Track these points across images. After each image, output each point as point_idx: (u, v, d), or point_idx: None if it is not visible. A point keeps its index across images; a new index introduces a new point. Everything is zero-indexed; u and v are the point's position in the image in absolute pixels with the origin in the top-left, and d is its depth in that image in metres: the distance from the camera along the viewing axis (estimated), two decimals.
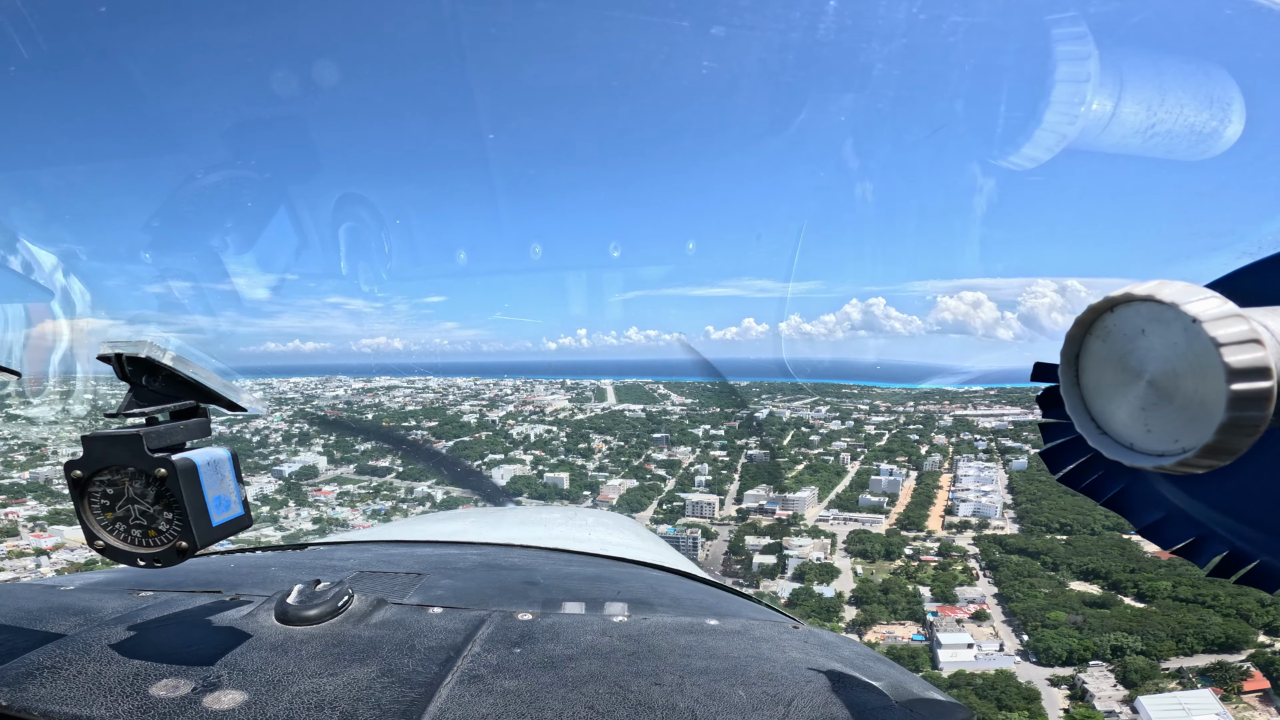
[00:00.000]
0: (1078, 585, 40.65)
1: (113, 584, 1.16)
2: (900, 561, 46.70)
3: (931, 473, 68.67)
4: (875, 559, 47.61)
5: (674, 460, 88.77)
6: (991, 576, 43.27)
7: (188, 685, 0.74)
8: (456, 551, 1.63)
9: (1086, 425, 0.54)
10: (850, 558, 48.28)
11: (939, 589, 40.95)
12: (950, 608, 39.42)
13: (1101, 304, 0.50)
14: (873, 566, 46.67)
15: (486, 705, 0.74)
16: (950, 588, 41.05)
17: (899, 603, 39.99)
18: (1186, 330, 0.43)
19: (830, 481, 69.12)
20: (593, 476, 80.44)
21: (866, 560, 47.57)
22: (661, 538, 2.90)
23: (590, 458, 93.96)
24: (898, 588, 41.76)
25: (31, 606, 0.99)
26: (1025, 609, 37.57)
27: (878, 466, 74.20)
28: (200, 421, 0.80)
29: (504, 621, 0.99)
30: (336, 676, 0.78)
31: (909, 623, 38.88)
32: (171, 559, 0.74)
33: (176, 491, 0.72)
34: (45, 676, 0.75)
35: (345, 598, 0.99)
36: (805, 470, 77.10)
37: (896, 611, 39.36)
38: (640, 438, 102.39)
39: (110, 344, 0.75)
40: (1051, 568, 42.31)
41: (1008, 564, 43.12)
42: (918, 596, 40.54)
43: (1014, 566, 42.73)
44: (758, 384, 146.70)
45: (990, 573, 43.62)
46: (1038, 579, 41.06)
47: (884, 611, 39.48)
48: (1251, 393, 0.41)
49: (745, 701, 0.77)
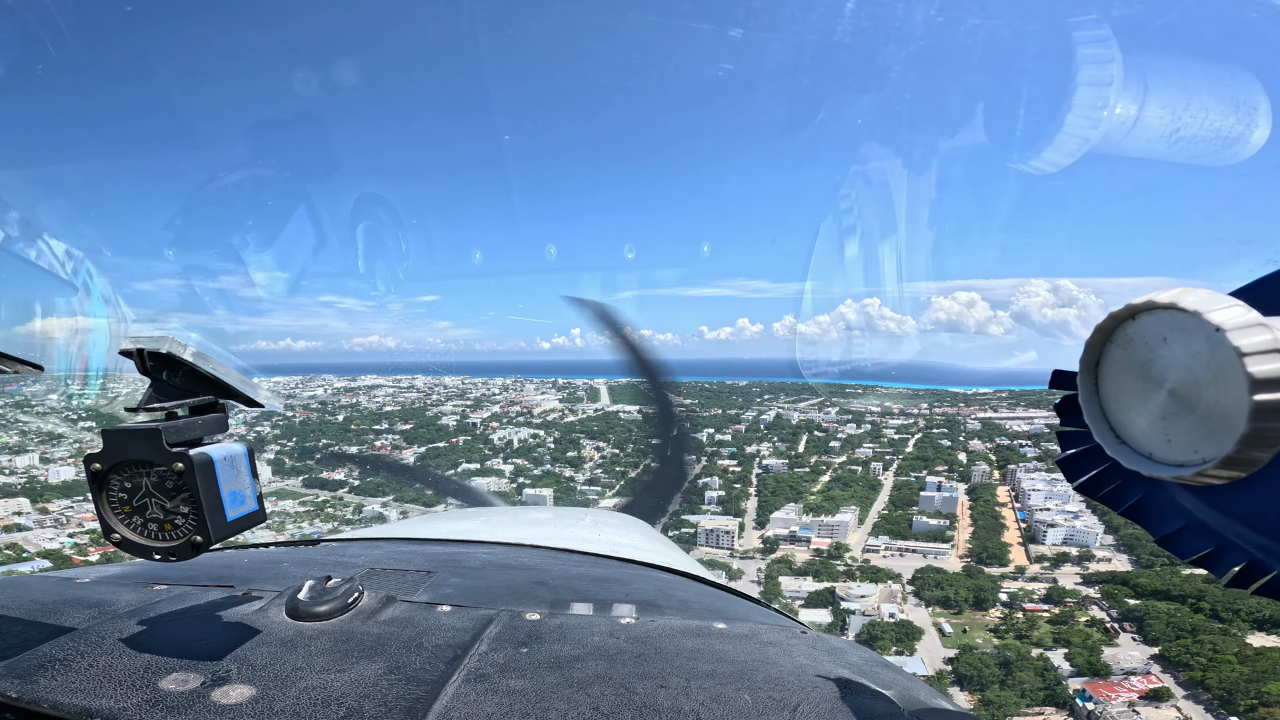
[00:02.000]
0: (1260, 639, 29.14)
1: (127, 577, 1.15)
2: (997, 612, 35.04)
3: (984, 485, 57.17)
4: (960, 608, 35.68)
5: None
6: (1138, 633, 31.46)
7: (197, 679, 0.75)
8: (466, 550, 1.62)
9: (1105, 434, 0.53)
10: (925, 607, 36.41)
11: (1079, 656, 29.16)
12: (1107, 684, 27.36)
13: (1123, 311, 0.49)
14: (961, 620, 34.76)
15: (492, 704, 0.74)
16: (1094, 654, 29.24)
17: (1027, 680, 27.87)
18: (1209, 339, 0.43)
19: (865, 497, 57.42)
20: (582, 492, 67.77)
21: (949, 611, 35.65)
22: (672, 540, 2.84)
23: (580, 468, 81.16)
24: (1019, 657, 29.62)
25: (46, 599, 0.99)
26: (1220, 681, 25.71)
27: (917, 478, 62.74)
28: (218, 417, 0.81)
29: (512, 621, 0.99)
30: (345, 673, 0.79)
31: (1050, 710, 26.74)
32: (186, 553, 0.74)
33: (193, 486, 0.73)
34: (57, 669, 0.76)
35: (355, 594, 0.99)
36: (834, 483, 65.55)
37: (1027, 693, 27.25)
38: (637, 444, 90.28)
39: (133, 339, 0.75)
40: (1213, 615, 30.72)
41: (1154, 614, 31.29)
42: (1051, 668, 28.65)
43: (1163, 616, 30.99)
44: (757, 384, 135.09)
45: (1133, 627, 31.86)
46: (1204, 634, 29.32)
47: (1010, 696, 27.23)
48: (1275, 404, 0.40)
49: (751, 706, 0.76)
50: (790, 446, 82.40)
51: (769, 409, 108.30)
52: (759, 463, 74.39)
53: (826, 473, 69.89)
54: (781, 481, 63.19)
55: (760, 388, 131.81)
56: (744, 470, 73.13)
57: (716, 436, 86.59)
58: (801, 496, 62.25)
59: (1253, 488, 0.53)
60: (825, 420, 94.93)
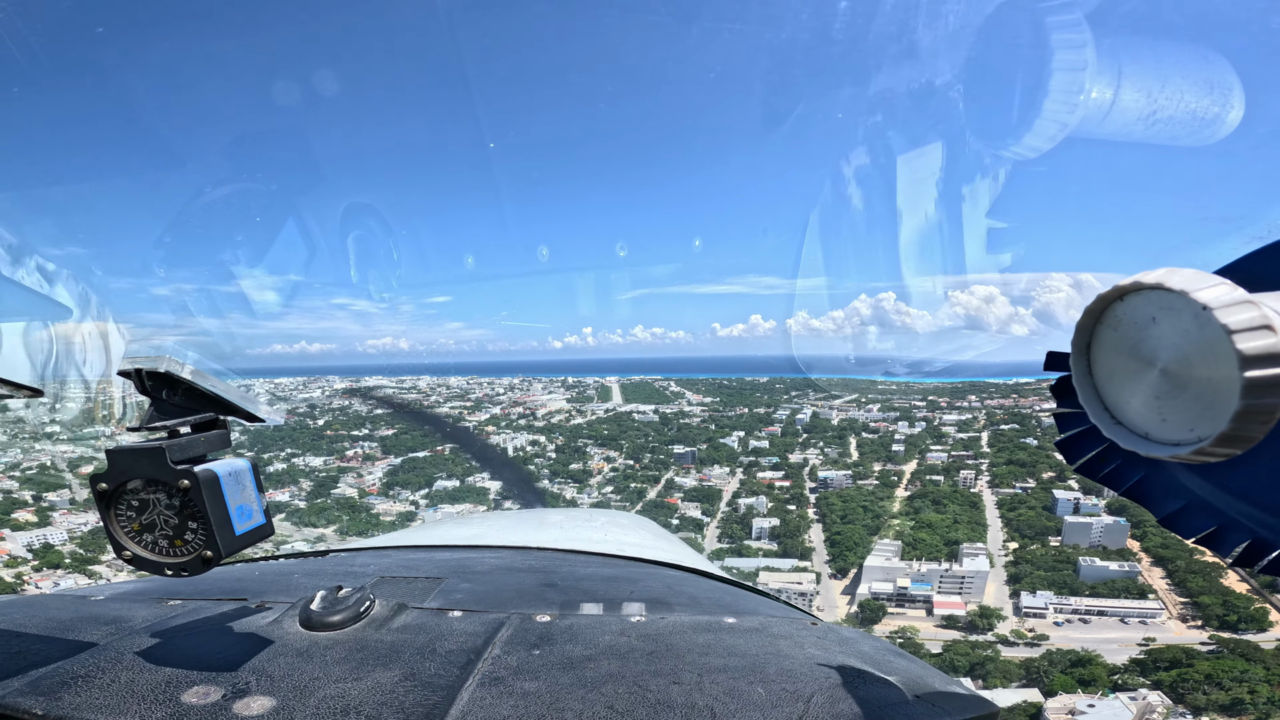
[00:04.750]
0: None
1: (142, 593, 1.17)
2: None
3: (1117, 499, 41.95)
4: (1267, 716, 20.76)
5: (708, 489, 60.32)
6: None
7: (217, 692, 0.77)
8: (475, 555, 1.62)
9: (1100, 415, 0.53)
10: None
11: None
12: None
13: (1111, 293, 0.49)
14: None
15: (507, 707, 0.75)
16: None
17: None
18: (1197, 318, 0.43)
19: (972, 522, 42.08)
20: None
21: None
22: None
23: (585, 484, 65.70)
24: None
25: (64, 617, 1.00)
26: None
27: (1025, 490, 47.38)
28: (220, 433, 0.81)
29: (523, 624, 0.99)
30: (360, 681, 0.80)
31: None
32: (197, 568, 0.75)
33: (200, 502, 0.73)
34: (80, 685, 0.77)
35: (367, 603, 1.00)
36: (918, 500, 50.14)
37: None
38: (655, 453, 74.38)
39: (130, 359, 0.75)
40: None
41: None
42: None
43: None
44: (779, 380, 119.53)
45: None
46: None
47: None
48: (1265, 379, 0.40)
49: (764, 699, 0.77)
50: (841, 452, 66.81)
51: (800, 407, 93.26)
52: (810, 474, 58.42)
53: (899, 485, 53.84)
54: (849, 501, 47.46)
55: (783, 384, 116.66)
56: (795, 486, 56.78)
57: (751, 443, 70.43)
58: (882, 522, 45.78)
59: (1253, 464, 0.52)
60: (871, 419, 79.86)
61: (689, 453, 68.32)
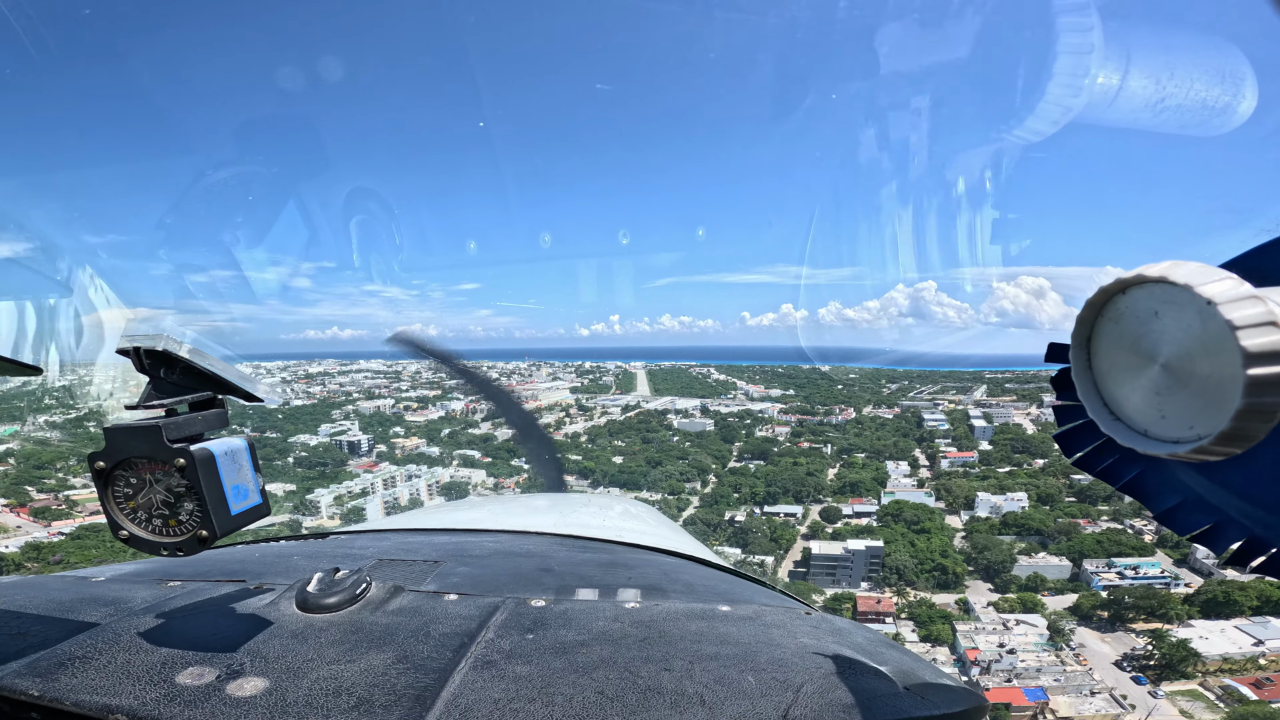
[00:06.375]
0: None
1: (141, 574, 1.16)
2: None
3: None
4: None
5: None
6: None
7: (213, 673, 0.76)
8: (473, 539, 1.61)
9: (1099, 411, 0.51)
10: None
11: None
12: None
13: (1113, 285, 0.48)
14: None
15: (499, 690, 0.75)
16: None
17: None
18: (1201, 313, 0.41)
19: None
20: None
21: None
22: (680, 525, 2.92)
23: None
24: None
25: (64, 598, 1.00)
26: None
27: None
28: (218, 413, 0.80)
29: (518, 608, 0.99)
30: (354, 663, 0.80)
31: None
32: (193, 548, 0.75)
33: (195, 481, 0.73)
34: (78, 666, 0.77)
35: (364, 585, 0.99)
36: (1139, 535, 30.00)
37: None
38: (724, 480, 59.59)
39: (128, 338, 0.75)
40: None
41: None
42: None
43: None
44: (857, 370, 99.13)
45: None
46: None
47: None
48: (1269, 377, 0.38)
49: (754, 687, 0.77)
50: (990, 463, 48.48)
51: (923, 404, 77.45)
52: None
53: (1092, 518, 38.43)
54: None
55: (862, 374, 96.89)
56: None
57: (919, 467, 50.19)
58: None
59: (1252, 462, 0.51)
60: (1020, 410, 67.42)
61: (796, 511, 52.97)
